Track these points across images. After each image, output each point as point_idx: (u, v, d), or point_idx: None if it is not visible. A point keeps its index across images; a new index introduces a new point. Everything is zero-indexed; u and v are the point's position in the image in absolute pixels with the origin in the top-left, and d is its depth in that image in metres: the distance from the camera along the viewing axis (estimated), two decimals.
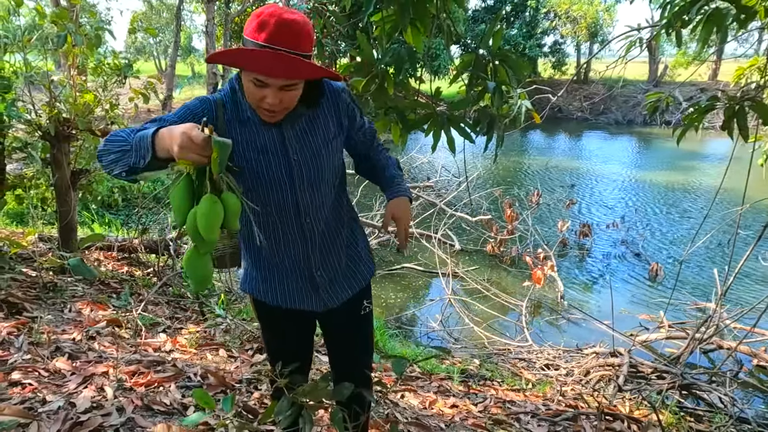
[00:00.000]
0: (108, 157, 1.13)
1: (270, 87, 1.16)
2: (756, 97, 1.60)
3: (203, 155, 0.97)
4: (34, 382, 1.92)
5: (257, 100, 1.19)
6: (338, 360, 1.62)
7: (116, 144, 1.12)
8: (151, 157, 1.06)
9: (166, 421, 1.75)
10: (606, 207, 8.64)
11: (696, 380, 2.93)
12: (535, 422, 2.43)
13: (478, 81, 1.85)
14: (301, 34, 1.13)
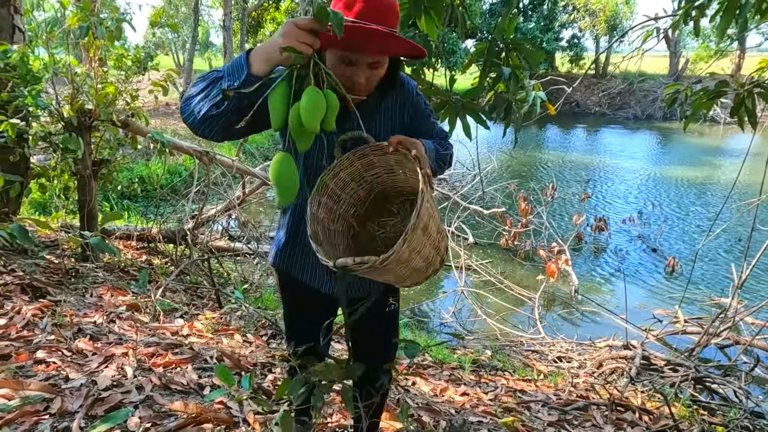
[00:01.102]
0: (195, 98, 1.08)
1: (358, 65, 1.16)
2: (765, 83, 1.58)
3: (308, 42, 0.96)
4: (58, 361, 1.99)
5: (344, 79, 1.16)
6: (357, 355, 1.53)
7: (204, 80, 1.10)
8: (246, 75, 1.03)
9: (183, 399, 1.80)
10: (623, 202, 8.55)
11: (710, 373, 2.91)
12: (545, 411, 2.44)
13: (491, 68, 1.86)
14: (390, 9, 1.14)
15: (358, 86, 1.18)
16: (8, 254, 3.29)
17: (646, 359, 3.11)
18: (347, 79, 1.17)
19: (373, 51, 1.15)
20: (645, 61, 24.31)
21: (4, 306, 2.49)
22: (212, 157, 4.36)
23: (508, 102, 1.85)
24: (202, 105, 1.07)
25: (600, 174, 10.68)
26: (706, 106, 1.77)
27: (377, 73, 1.21)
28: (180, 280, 3.89)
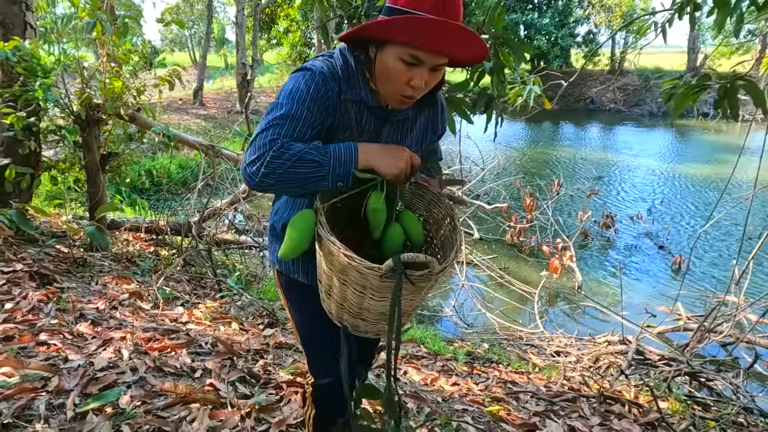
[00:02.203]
0: (282, 165, 0.98)
1: (423, 66, 1.03)
2: (748, 76, 1.59)
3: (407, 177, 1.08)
4: (59, 343, 2.09)
5: (402, 82, 1.05)
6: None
7: (301, 154, 0.99)
8: (352, 172, 1.03)
9: (175, 381, 1.88)
10: (633, 199, 8.47)
11: (702, 368, 2.91)
12: (533, 401, 2.47)
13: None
14: (461, 3, 1.02)
15: (416, 91, 1.07)
16: (19, 243, 3.42)
17: (640, 354, 3.12)
18: (406, 82, 1.05)
19: (449, 52, 1.03)
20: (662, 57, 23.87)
21: (12, 292, 2.59)
22: (218, 152, 4.45)
23: (490, 96, 1.88)
24: (290, 179, 1.00)
25: (612, 171, 10.59)
26: (689, 100, 1.78)
27: (437, 78, 1.09)
28: (185, 271, 3.99)
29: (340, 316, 1.14)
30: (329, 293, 1.13)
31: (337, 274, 1.05)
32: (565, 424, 2.22)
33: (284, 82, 1.12)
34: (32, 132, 3.46)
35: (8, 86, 3.18)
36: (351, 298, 1.07)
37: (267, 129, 1.01)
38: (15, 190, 3.48)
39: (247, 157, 1.00)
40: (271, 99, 11.36)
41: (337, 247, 0.99)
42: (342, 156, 1.03)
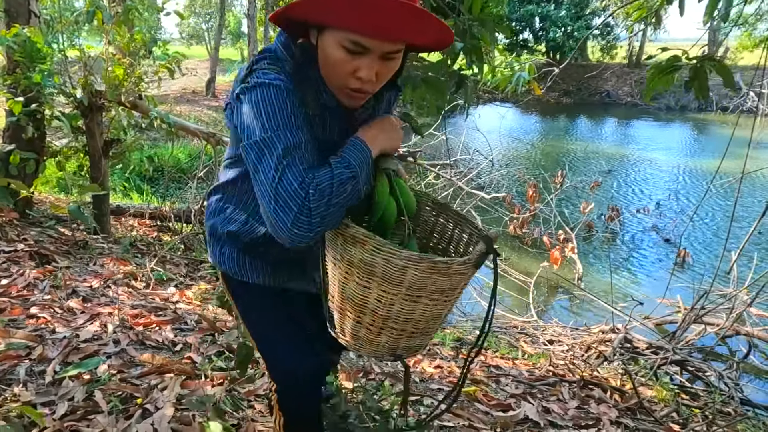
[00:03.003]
0: (330, 204, 0.85)
1: (369, 55, 0.88)
2: (718, 57, 1.58)
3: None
4: (48, 317, 2.17)
5: (346, 74, 0.90)
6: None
7: (339, 189, 0.86)
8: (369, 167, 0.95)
9: (154, 353, 1.94)
10: (642, 193, 8.37)
11: (688, 357, 2.89)
12: (513, 385, 2.49)
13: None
14: None
15: (365, 84, 0.91)
16: (24, 225, 3.53)
17: (629, 342, 3.11)
18: (350, 74, 0.90)
19: (400, 36, 0.88)
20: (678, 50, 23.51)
21: (10, 269, 2.70)
22: (219, 139, 4.53)
23: (461, 76, 1.89)
24: (340, 208, 0.87)
25: (623, 165, 10.46)
26: (662, 82, 1.77)
27: (391, 68, 0.93)
28: (185, 256, 4.08)
29: (375, 341, 0.99)
30: (359, 318, 0.98)
31: (381, 285, 0.91)
32: (540, 405, 2.24)
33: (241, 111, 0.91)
34: (35, 118, 3.57)
35: (12, 73, 3.29)
36: (397, 312, 0.94)
37: (281, 176, 0.83)
38: (20, 174, 3.59)
39: (281, 217, 0.83)
40: None
41: (397, 252, 0.87)
42: (361, 159, 0.91)
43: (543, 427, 2.00)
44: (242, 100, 0.90)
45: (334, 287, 1.01)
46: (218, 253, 1.17)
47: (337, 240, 0.95)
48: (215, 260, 1.19)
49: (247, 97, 0.89)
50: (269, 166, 0.85)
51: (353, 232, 0.89)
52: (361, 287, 0.94)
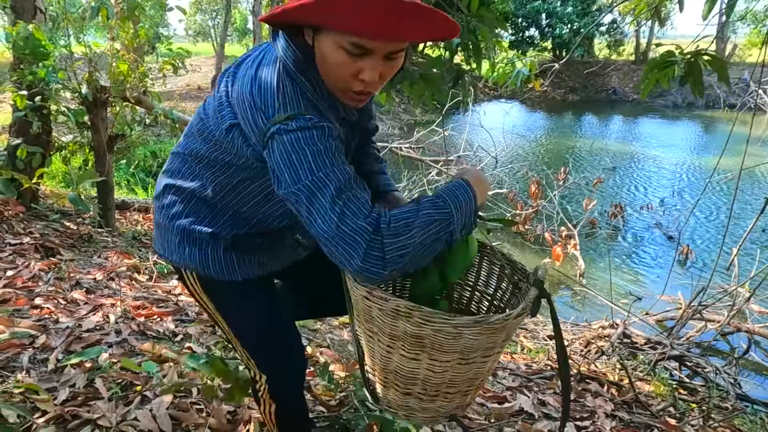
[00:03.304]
0: (407, 248, 0.80)
1: (372, 56, 0.84)
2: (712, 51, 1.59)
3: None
4: (52, 307, 2.21)
5: (348, 77, 0.86)
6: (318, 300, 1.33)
7: (421, 218, 0.82)
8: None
9: (154, 343, 1.98)
10: (647, 191, 8.34)
11: (686, 353, 2.90)
12: (510, 378, 2.51)
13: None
14: None
15: (369, 86, 0.88)
16: (30, 219, 3.59)
17: (627, 337, 3.12)
18: (353, 76, 0.86)
19: (404, 37, 0.84)
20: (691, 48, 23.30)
21: (16, 261, 2.75)
22: None
23: (459, 70, 1.91)
24: (428, 253, 0.84)
25: (627, 162, 10.42)
26: (656, 77, 1.78)
27: (394, 67, 0.88)
28: None
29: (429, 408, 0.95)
30: (409, 390, 0.93)
31: (433, 355, 0.86)
32: (536, 398, 2.26)
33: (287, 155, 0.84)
34: (41, 113, 3.62)
35: (17, 69, 3.33)
36: (451, 378, 0.90)
37: (342, 214, 0.80)
38: (27, 168, 3.64)
39: (350, 255, 0.79)
40: None
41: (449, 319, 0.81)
42: (461, 201, 0.87)
43: (537, 418, 2.02)
44: (281, 141, 0.83)
45: (374, 360, 0.94)
46: (196, 256, 1.07)
47: (371, 312, 0.88)
48: (185, 262, 1.08)
49: (287, 138, 0.83)
50: (324, 208, 0.80)
51: (393, 305, 0.82)
52: (408, 359, 0.88)
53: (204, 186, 1.05)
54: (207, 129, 1.00)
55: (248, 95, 0.88)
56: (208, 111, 1.01)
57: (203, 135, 1.02)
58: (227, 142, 0.96)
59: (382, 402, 0.98)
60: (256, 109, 0.87)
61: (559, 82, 21.35)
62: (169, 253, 1.11)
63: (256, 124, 0.87)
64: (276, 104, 0.85)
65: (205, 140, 1.01)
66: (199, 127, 1.03)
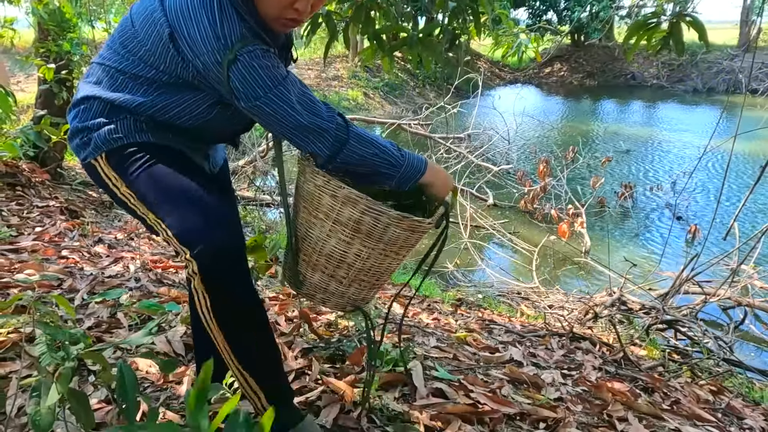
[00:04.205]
0: (356, 156, 1.04)
1: None
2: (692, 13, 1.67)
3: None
4: (77, 258, 2.40)
5: (283, 7, 1.01)
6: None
7: (378, 146, 1.06)
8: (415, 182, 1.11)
9: (170, 288, 2.15)
10: (659, 173, 8.31)
11: (677, 316, 2.99)
12: (505, 335, 2.64)
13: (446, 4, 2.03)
14: None
15: (300, 15, 1.03)
16: (54, 186, 3.79)
17: (623, 304, 3.22)
18: (288, 6, 1.01)
19: None
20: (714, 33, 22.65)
21: (43, 221, 2.95)
22: None
23: (454, 34, 2.01)
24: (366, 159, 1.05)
25: (643, 145, 10.35)
26: (641, 38, 1.86)
27: (320, 1, 1.05)
28: None
29: (343, 293, 1.14)
30: (333, 272, 1.11)
31: (364, 241, 1.06)
32: (527, 351, 2.38)
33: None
34: (66, 86, 3.80)
35: (43, 41, 3.51)
36: (370, 266, 1.10)
37: (307, 112, 1.01)
38: (50, 139, 3.84)
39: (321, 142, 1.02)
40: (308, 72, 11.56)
41: (386, 211, 1.02)
42: (413, 164, 1.09)
43: (525, 365, 2.14)
44: (237, 67, 0.96)
45: (309, 245, 1.11)
46: (107, 130, 1.07)
47: (322, 200, 1.05)
48: (97, 144, 1.07)
49: (241, 64, 0.96)
50: (291, 110, 0.99)
51: (346, 193, 1.01)
52: (343, 243, 1.07)
53: (126, 99, 1.07)
54: (135, 39, 1.03)
55: (189, 19, 0.96)
56: (136, 23, 1.03)
57: (128, 47, 1.05)
58: (163, 57, 1.01)
59: (304, 287, 1.15)
60: (203, 38, 0.96)
61: (577, 67, 21.08)
62: (82, 150, 1.10)
63: (202, 49, 0.96)
64: (220, 33, 0.96)
65: (130, 52, 1.05)
66: (125, 38, 1.05)
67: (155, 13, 0.99)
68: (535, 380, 1.88)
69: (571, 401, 1.76)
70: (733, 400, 2.32)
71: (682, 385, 2.41)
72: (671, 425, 1.76)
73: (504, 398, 1.61)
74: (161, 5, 0.99)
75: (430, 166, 1.12)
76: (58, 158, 3.97)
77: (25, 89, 9.09)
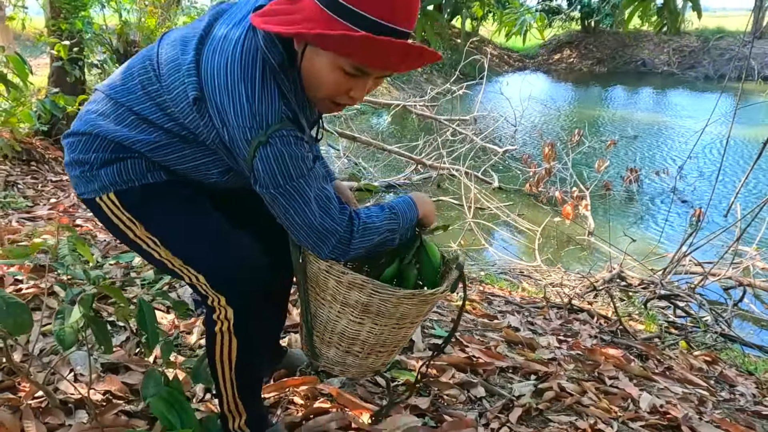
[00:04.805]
0: (364, 248, 1.00)
1: (368, 77, 0.92)
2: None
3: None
4: (91, 227, 2.49)
5: (338, 92, 0.93)
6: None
7: (377, 232, 1.01)
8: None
9: None
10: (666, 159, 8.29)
11: (672, 291, 3.04)
12: (505, 306, 2.71)
13: None
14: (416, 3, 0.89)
15: (353, 101, 0.96)
16: None
17: (623, 279, 3.27)
18: (339, 92, 0.93)
19: (403, 69, 0.94)
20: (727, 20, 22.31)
21: (57, 193, 3.04)
22: None
23: (456, 5, 2.05)
24: (369, 250, 1.02)
25: (650, 131, 10.30)
26: (638, 8, 1.89)
27: (378, 83, 0.99)
28: None
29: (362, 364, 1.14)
30: (349, 349, 1.11)
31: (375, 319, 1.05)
32: (525, 319, 2.45)
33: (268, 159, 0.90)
34: (77, 65, 3.88)
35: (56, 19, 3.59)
36: (385, 339, 1.10)
37: (317, 215, 0.94)
38: (64, 117, 3.93)
39: (319, 247, 0.97)
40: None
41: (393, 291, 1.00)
42: (408, 215, 1.08)
43: (522, 330, 2.21)
44: (265, 151, 0.89)
45: (321, 323, 1.10)
46: (114, 169, 0.98)
47: (328, 283, 1.03)
48: (102, 183, 0.99)
49: (270, 149, 0.89)
50: (303, 209, 0.93)
51: (350, 278, 0.99)
52: (354, 323, 1.06)
53: (137, 139, 0.98)
54: (157, 84, 0.96)
55: (225, 89, 0.87)
56: (163, 67, 0.95)
57: (147, 90, 0.97)
58: (185, 113, 0.94)
59: (321, 359, 1.15)
60: (237, 112, 0.88)
61: (587, 53, 20.85)
62: (84, 186, 1.01)
63: (233, 123, 0.88)
64: (256, 111, 0.87)
65: (148, 95, 0.97)
66: (144, 78, 0.97)
67: (188, 71, 0.91)
68: (530, 342, 1.95)
69: (563, 361, 1.83)
70: (727, 370, 2.38)
71: (676, 355, 2.48)
72: (660, 385, 1.83)
73: (498, 354, 1.68)
74: (195, 64, 0.91)
75: (416, 201, 1.11)
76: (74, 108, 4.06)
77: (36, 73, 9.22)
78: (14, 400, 1.14)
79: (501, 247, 4.91)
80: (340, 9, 0.83)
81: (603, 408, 1.45)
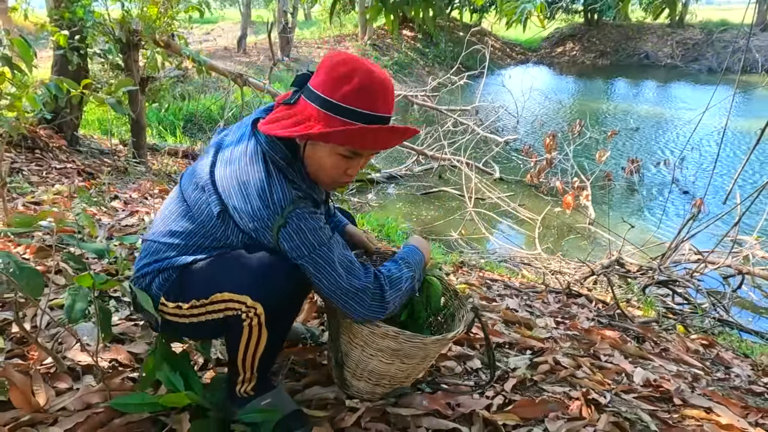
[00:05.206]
0: (398, 299, 1.12)
1: (361, 156, 1.07)
2: None
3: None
4: (95, 211, 2.52)
5: (338, 174, 1.09)
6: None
7: (402, 281, 1.12)
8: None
9: None
10: (666, 150, 8.29)
11: (670, 277, 3.06)
12: (504, 290, 2.74)
13: None
14: (391, 88, 1.07)
15: (351, 178, 1.11)
16: (71, 151, 3.92)
17: (621, 266, 3.29)
18: (339, 174, 1.08)
19: (391, 146, 1.10)
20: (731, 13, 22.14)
21: (62, 180, 3.07)
22: (246, 80, 4.80)
23: None
24: (399, 302, 1.14)
25: (652, 124, 10.28)
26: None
27: (369, 159, 1.13)
28: None
29: (388, 393, 1.28)
30: (378, 382, 1.24)
31: (403, 360, 1.19)
32: (524, 302, 2.48)
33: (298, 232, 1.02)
34: (80, 54, 3.90)
35: (58, 7, 3.61)
36: (409, 374, 1.26)
37: (345, 277, 1.04)
38: (67, 106, 3.96)
39: (357, 308, 1.06)
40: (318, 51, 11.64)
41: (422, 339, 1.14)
42: (418, 260, 1.21)
43: (520, 312, 2.24)
44: (287, 230, 1.01)
45: (353, 361, 1.23)
46: (161, 275, 1.11)
47: (363, 331, 1.15)
48: (156, 293, 1.10)
49: (291, 227, 1.01)
50: (330, 274, 1.03)
51: (384, 330, 1.12)
52: (384, 364, 1.19)
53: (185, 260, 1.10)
54: (194, 215, 1.09)
55: (239, 191, 1.01)
56: (190, 199, 1.10)
57: (189, 219, 1.10)
58: (214, 226, 1.07)
59: (352, 389, 1.28)
60: (254, 208, 1.00)
61: (590, 46, 20.78)
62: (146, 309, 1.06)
63: (253, 219, 1.01)
64: (269, 202, 1.00)
65: (192, 222, 1.09)
66: (181, 212, 1.11)
67: (208, 189, 1.05)
68: (527, 322, 1.98)
69: (560, 339, 1.86)
70: (723, 352, 2.41)
71: (673, 338, 2.50)
72: (655, 363, 1.86)
73: (495, 331, 1.71)
74: (212, 183, 1.05)
75: (419, 246, 1.26)
76: (74, 125, 4.09)
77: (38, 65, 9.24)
78: (24, 366, 1.18)
79: (502, 236, 4.94)
80: (336, 108, 0.99)
81: (597, 380, 1.48)
